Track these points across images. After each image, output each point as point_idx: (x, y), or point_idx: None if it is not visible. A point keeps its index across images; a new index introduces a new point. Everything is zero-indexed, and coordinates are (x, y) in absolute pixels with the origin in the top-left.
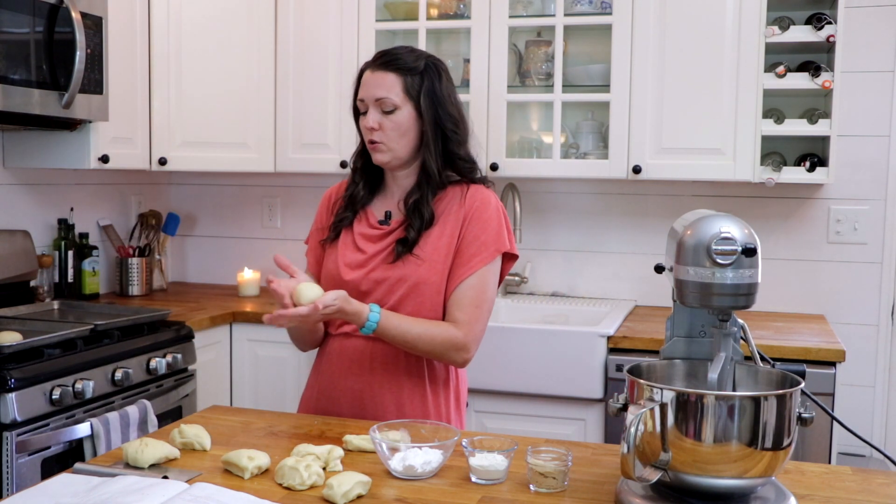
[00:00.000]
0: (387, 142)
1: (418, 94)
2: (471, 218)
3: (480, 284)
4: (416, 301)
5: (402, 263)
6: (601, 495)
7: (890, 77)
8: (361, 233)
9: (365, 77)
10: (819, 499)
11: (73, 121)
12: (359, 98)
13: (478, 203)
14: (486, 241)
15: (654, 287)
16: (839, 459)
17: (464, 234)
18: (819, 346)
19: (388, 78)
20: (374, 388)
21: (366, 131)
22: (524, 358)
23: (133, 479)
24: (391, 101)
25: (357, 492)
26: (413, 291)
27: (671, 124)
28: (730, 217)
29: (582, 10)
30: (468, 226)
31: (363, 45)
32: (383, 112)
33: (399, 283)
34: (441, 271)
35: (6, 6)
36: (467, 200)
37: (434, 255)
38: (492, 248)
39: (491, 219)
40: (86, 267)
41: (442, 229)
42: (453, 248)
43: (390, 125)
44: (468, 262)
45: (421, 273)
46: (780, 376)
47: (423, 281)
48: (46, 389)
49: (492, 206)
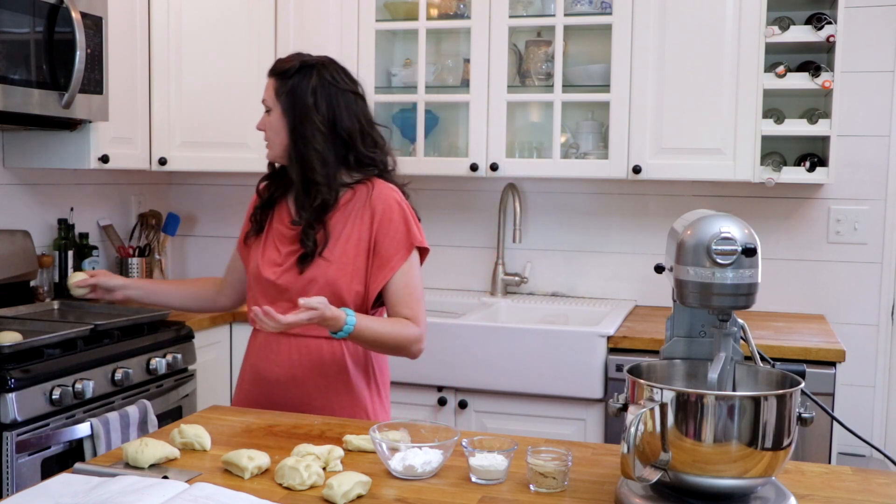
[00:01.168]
0: (268, 140)
1: (282, 96)
2: (379, 220)
3: (409, 280)
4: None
5: (315, 264)
6: (601, 495)
7: (890, 77)
8: (279, 232)
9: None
10: (819, 499)
11: (73, 121)
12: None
13: (382, 205)
14: (399, 240)
15: (654, 287)
16: (839, 459)
17: (376, 238)
18: (819, 346)
19: (269, 81)
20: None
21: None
22: (524, 358)
23: (133, 479)
24: (267, 102)
25: (357, 492)
26: (324, 291)
27: (671, 124)
28: (730, 217)
29: (582, 10)
30: (378, 228)
31: (363, 45)
32: (266, 113)
33: (311, 284)
34: (351, 273)
35: (6, 6)
36: (372, 201)
37: (343, 258)
38: (406, 246)
39: (398, 219)
40: (86, 267)
41: (350, 230)
42: (363, 249)
43: (267, 124)
44: (388, 264)
45: (330, 275)
46: (780, 376)
47: (332, 282)
48: (46, 389)
49: (396, 205)
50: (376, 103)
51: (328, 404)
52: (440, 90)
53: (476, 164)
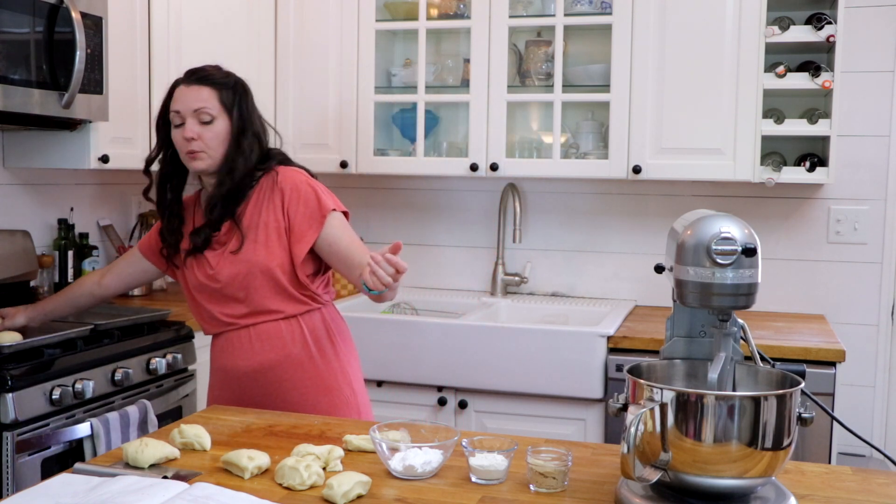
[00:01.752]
0: (207, 150)
1: (232, 106)
2: (289, 200)
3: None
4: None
5: (244, 256)
6: (601, 495)
7: (890, 77)
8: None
9: (179, 91)
10: (819, 499)
11: (73, 121)
12: (173, 110)
13: (290, 185)
14: (312, 212)
15: (654, 287)
16: (839, 459)
17: (289, 216)
18: (819, 346)
19: (204, 91)
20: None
21: (183, 142)
22: (524, 358)
23: (133, 479)
24: (209, 112)
25: (357, 492)
26: (264, 276)
27: (671, 124)
28: (730, 217)
29: (582, 10)
30: (290, 207)
31: (363, 45)
32: (201, 123)
33: (250, 275)
34: (279, 253)
35: (6, 6)
36: (279, 184)
37: (268, 242)
38: (318, 216)
39: (307, 193)
40: (86, 267)
41: (267, 217)
42: (283, 229)
43: (209, 135)
44: (304, 237)
45: (261, 259)
46: (780, 376)
47: (266, 266)
48: (46, 389)
49: (303, 182)
50: (376, 103)
51: (300, 382)
52: (440, 90)
53: (476, 164)
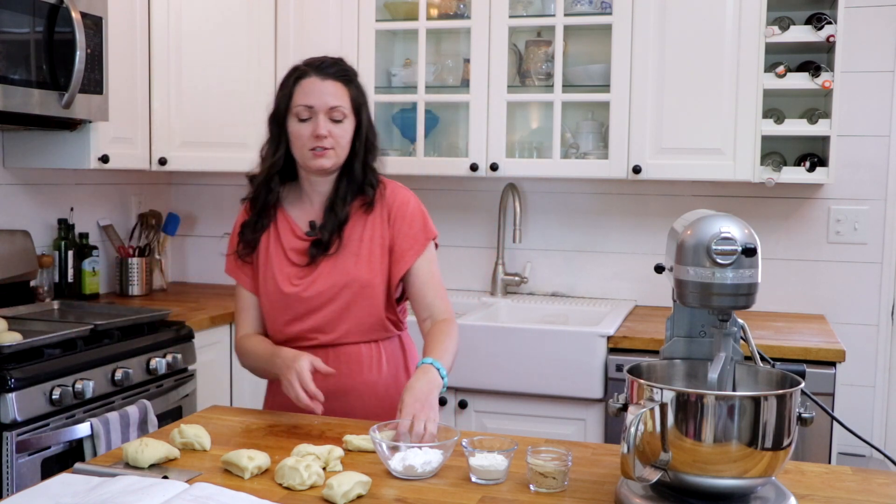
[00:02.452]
0: (336, 148)
1: (360, 107)
2: (395, 217)
3: (433, 270)
4: (363, 302)
5: (343, 268)
6: (601, 495)
7: (890, 77)
8: (291, 247)
9: (311, 84)
10: (819, 499)
11: (73, 121)
12: (303, 104)
13: (399, 202)
14: (416, 234)
15: (654, 287)
16: (839, 459)
17: (393, 234)
18: (819, 346)
19: (339, 87)
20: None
21: (311, 139)
22: (524, 358)
23: (133, 479)
24: (343, 110)
25: (357, 492)
26: (359, 293)
27: (671, 124)
28: (730, 217)
29: (582, 10)
30: (394, 224)
31: (363, 45)
32: (333, 121)
33: (346, 289)
34: (379, 271)
35: (6, 6)
36: (387, 199)
37: (371, 257)
38: (422, 239)
39: (414, 213)
40: (86, 267)
41: (372, 231)
42: (385, 247)
43: (339, 132)
44: (403, 258)
45: (363, 274)
46: (780, 376)
47: (367, 282)
48: (46, 389)
49: (411, 202)
50: (376, 103)
51: (371, 410)
52: (440, 90)
53: (476, 164)
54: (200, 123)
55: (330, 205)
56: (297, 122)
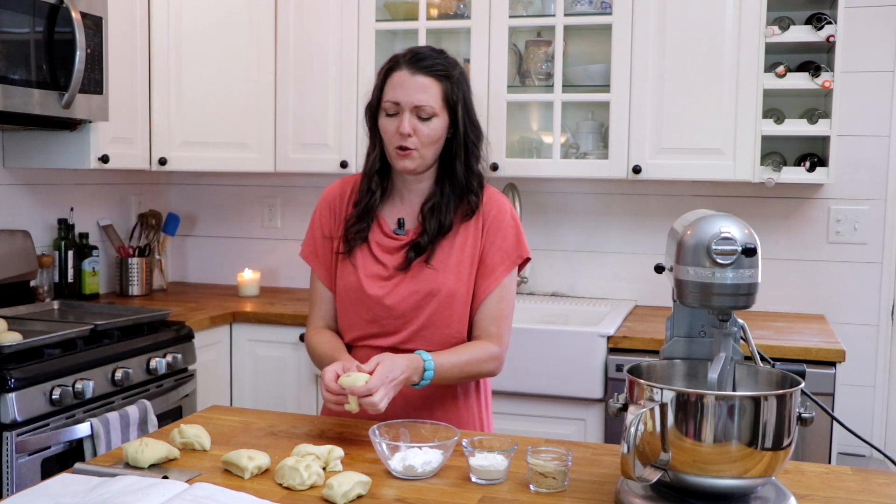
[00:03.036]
0: (420, 149)
1: (455, 104)
2: (489, 226)
3: (506, 295)
4: (445, 314)
5: (429, 275)
6: (601, 495)
7: (890, 77)
8: (378, 242)
9: (400, 78)
10: (819, 499)
11: (73, 121)
12: (390, 100)
13: (495, 211)
14: (508, 249)
15: (654, 287)
16: (839, 459)
17: (485, 244)
18: (819, 346)
19: (429, 83)
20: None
21: (396, 136)
22: (524, 358)
23: (133, 479)
24: (431, 108)
25: (357, 492)
26: (444, 304)
27: (671, 124)
28: (730, 217)
29: (582, 10)
30: (488, 234)
31: (363, 45)
32: (419, 118)
33: (429, 297)
34: (467, 282)
35: (6, 6)
36: (483, 208)
37: (460, 266)
38: (513, 256)
39: (509, 226)
40: (86, 267)
41: (464, 239)
42: (476, 257)
43: (426, 131)
44: (493, 273)
45: (450, 285)
46: (780, 376)
47: (453, 293)
48: (46, 389)
49: (508, 212)
50: None
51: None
52: None
53: None
54: (200, 123)
55: (432, 208)
56: (385, 117)
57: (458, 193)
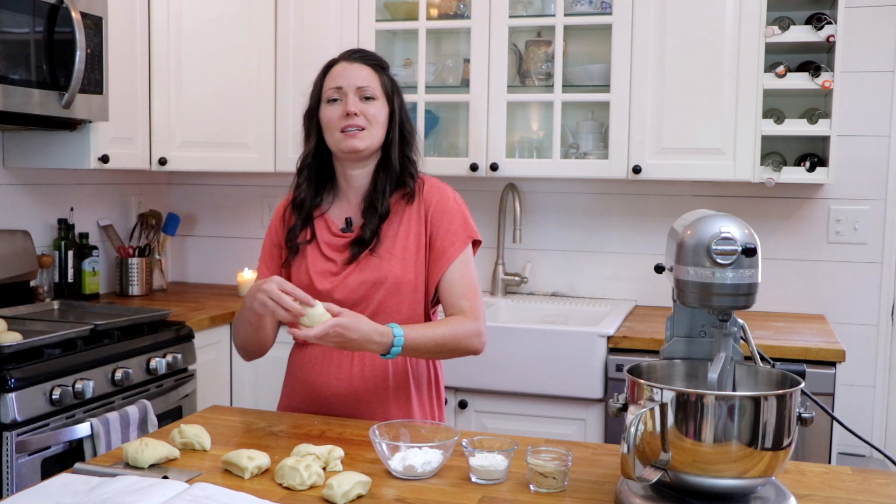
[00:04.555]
0: (368, 127)
1: (392, 95)
2: (434, 213)
3: (466, 271)
4: (394, 301)
5: (376, 265)
6: (601, 495)
7: (890, 77)
8: (326, 242)
9: (339, 68)
10: (819, 499)
11: (73, 121)
12: (332, 87)
13: (437, 198)
14: (456, 231)
15: (654, 287)
16: (839, 459)
17: (432, 230)
18: (819, 346)
19: (368, 72)
20: (360, 393)
21: (342, 119)
22: (524, 358)
23: (133, 479)
24: (373, 89)
25: (357, 492)
26: (391, 292)
27: (671, 124)
28: (730, 217)
29: (582, 10)
30: (433, 220)
31: (363, 45)
32: (364, 99)
33: (377, 286)
34: (415, 269)
35: (6, 6)
36: (425, 195)
37: (405, 253)
38: (463, 237)
39: (454, 210)
40: (86, 267)
41: (408, 227)
42: (423, 244)
43: (372, 111)
44: (444, 255)
45: (396, 272)
46: (780, 376)
47: (400, 280)
48: (46, 389)
49: (451, 198)
50: None
51: (389, 418)
52: (440, 90)
53: (476, 164)
54: (200, 123)
55: (369, 200)
56: (327, 106)
57: (393, 178)
